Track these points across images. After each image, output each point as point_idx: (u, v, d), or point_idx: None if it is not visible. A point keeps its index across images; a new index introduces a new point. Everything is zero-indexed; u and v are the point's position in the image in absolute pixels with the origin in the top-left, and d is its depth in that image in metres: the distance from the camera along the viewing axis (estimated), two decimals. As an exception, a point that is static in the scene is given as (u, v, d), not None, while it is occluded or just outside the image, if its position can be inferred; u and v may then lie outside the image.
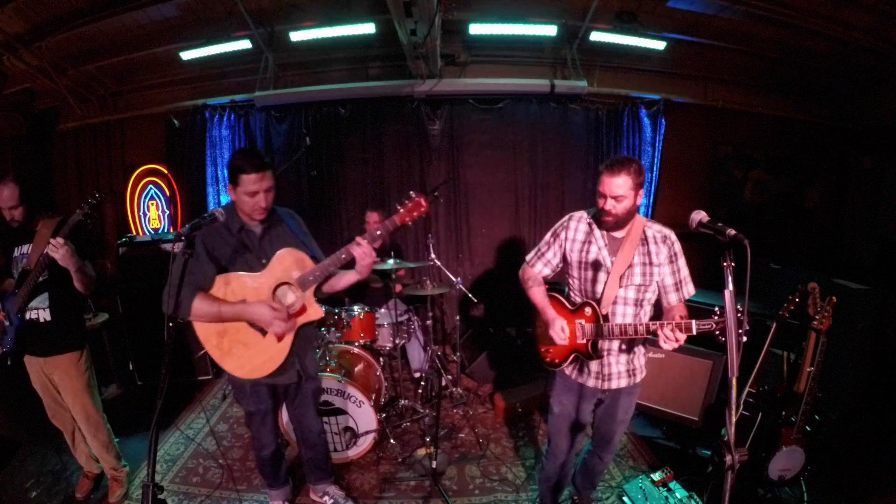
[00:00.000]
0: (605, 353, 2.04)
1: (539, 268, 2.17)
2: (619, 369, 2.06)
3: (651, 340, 1.94)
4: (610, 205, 1.89)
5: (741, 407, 2.43)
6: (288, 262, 2.05)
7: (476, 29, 4.14)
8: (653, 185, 4.91)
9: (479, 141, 4.84)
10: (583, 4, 4.01)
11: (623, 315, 1.98)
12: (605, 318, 1.96)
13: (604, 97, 4.81)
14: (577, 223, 2.07)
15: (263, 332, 2.06)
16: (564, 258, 2.11)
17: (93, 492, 2.70)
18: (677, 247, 1.98)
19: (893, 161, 4.78)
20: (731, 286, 1.34)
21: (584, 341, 1.99)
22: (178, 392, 3.85)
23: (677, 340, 1.76)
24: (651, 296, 2.01)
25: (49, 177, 5.11)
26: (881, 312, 3.06)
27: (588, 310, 1.98)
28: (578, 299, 2.06)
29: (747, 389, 2.45)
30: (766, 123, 5.07)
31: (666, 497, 2.49)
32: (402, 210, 1.97)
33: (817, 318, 2.31)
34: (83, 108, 4.98)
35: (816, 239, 5.35)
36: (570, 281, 2.13)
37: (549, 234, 2.15)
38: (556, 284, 2.25)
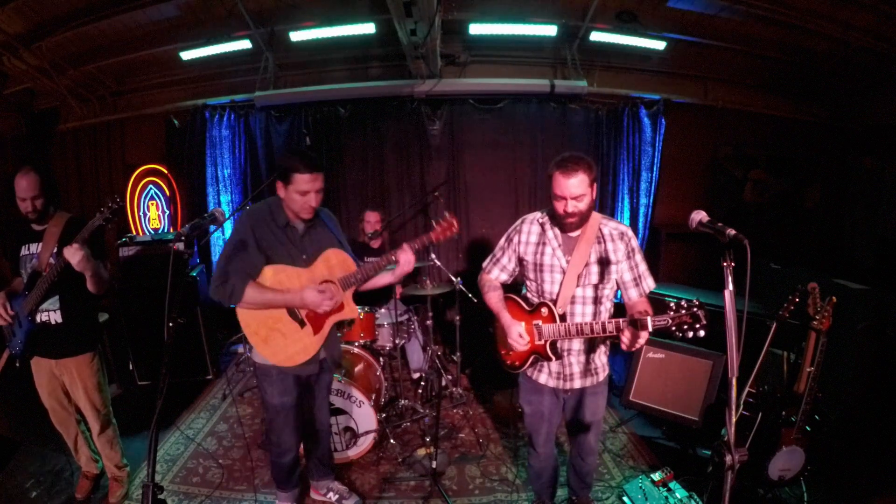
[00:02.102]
0: (565, 354, 2.02)
1: (496, 273, 2.14)
2: (581, 369, 2.04)
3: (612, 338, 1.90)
4: (571, 206, 1.83)
5: (741, 407, 2.43)
6: (333, 261, 2.19)
7: (476, 29, 4.14)
8: (653, 185, 4.91)
9: (479, 141, 4.84)
10: (583, 4, 4.02)
11: (582, 314, 1.96)
12: (563, 317, 1.93)
13: (604, 97, 4.81)
14: (530, 225, 2.05)
15: (301, 324, 2.16)
16: (521, 262, 2.09)
17: (93, 492, 2.69)
18: (634, 242, 1.97)
19: (893, 161, 4.77)
20: (731, 286, 1.33)
21: (542, 342, 1.95)
22: (178, 392, 3.86)
23: (637, 338, 1.72)
24: (610, 292, 1.99)
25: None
26: (881, 312, 3.06)
27: (545, 310, 1.94)
28: (536, 300, 2.03)
29: (747, 389, 2.44)
30: (766, 123, 5.08)
31: (666, 497, 2.49)
32: (438, 228, 2.18)
33: (817, 318, 2.31)
34: (83, 108, 4.98)
35: (816, 239, 5.35)
36: (527, 283, 2.10)
37: (503, 239, 2.13)
38: (514, 284, 2.24)
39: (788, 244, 5.13)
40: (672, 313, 1.62)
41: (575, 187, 1.80)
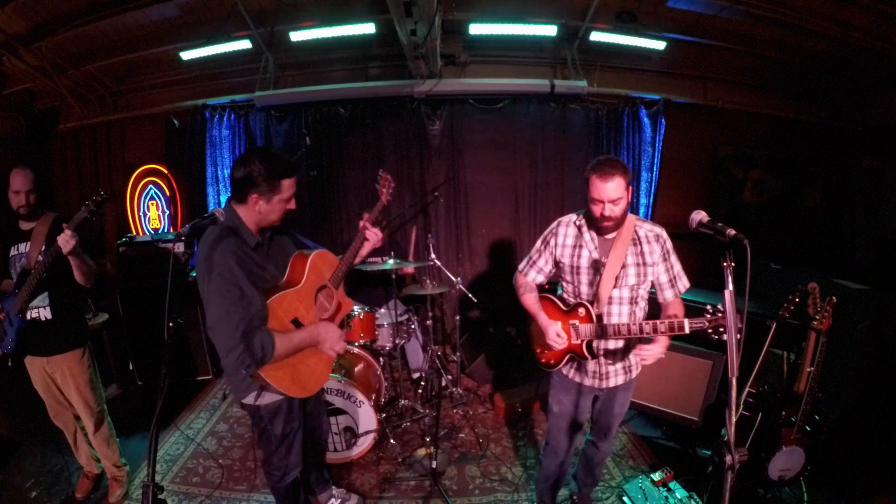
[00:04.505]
0: (601, 353, 2.05)
1: (532, 276, 2.17)
2: (616, 367, 2.08)
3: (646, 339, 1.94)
4: (609, 210, 1.86)
5: (741, 407, 2.43)
6: (320, 265, 2.07)
7: (476, 29, 4.14)
8: (653, 185, 4.91)
9: (479, 141, 4.83)
10: (583, 4, 4.02)
11: (619, 315, 1.99)
12: (600, 318, 1.96)
13: (604, 97, 4.80)
14: (566, 228, 2.08)
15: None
16: (557, 264, 2.11)
17: (93, 492, 2.70)
18: (669, 244, 1.99)
19: (893, 161, 4.78)
20: (731, 286, 1.34)
21: (579, 342, 1.99)
22: (178, 392, 3.86)
23: (664, 350, 1.77)
24: (644, 292, 2.02)
25: (49, 177, 5.09)
26: (881, 312, 3.06)
27: (582, 311, 1.98)
28: (572, 300, 2.07)
29: (747, 389, 2.45)
30: (766, 123, 5.07)
31: (666, 497, 2.49)
32: (383, 191, 2.29)
33: (817, 318, 2.31)
34: (83, 108, 4.98)
35: (816, 239, 5.35)
36: (564, 284, 2.14)
37: (539, 242, 2.16)
38: (550, 283, 2.26)
39: (788, 244, 5.13)
40: (709, 316, 1.67)
41: (612, 191, 1.83)
